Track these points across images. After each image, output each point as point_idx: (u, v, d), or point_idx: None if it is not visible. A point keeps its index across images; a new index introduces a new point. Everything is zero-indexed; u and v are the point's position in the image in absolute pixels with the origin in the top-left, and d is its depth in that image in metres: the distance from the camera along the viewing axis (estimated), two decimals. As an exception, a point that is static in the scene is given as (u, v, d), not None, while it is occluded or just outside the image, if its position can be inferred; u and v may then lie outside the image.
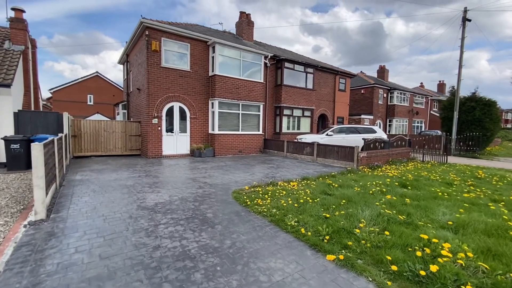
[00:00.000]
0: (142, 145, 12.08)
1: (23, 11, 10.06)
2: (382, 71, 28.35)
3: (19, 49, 9.74)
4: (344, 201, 4.85)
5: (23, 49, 9.90)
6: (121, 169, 8.31)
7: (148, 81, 10.94)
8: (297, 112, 16.06)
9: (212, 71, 12.46)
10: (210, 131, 12.78)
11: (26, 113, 8.71)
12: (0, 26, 10.82)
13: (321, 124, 19.07)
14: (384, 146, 10.81)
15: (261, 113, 14.05)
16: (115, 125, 11.73)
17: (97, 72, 29.39)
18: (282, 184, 6.42)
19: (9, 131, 8.40)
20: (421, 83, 41.36)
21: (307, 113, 16.56)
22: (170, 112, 11.71)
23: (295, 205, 4.63)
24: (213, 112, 12.56)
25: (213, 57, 12.41)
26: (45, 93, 26.29)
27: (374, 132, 13.34)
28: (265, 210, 4.43)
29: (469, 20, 16.75)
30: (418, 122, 28.70)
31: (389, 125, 24.96)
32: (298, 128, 16.24)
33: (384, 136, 12.87)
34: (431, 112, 32.29)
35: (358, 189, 5.91)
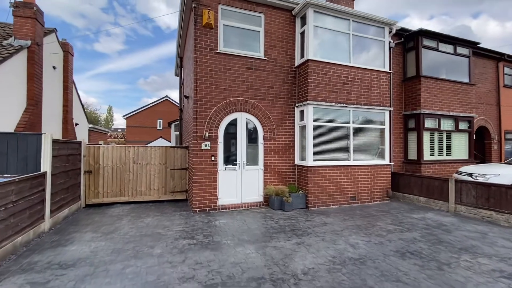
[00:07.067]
0: (189, 186, 7.41)
1: (34, -7, 7.12)
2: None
3: (20, 44, 6.58)
4: None
5: (29, 45, 6.74)
6: (136, 259, 3.42)
7: (196, 78, 6.36)
8: (447, 124, 9.07)
9: (302, 56, 7.19)
10: (297, 161, 7.25)
11: (-10, 137, 5.00)
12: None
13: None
14: None
15: (387, 126, 7.84)
16: (150, 154, 7.46)
17: (166, 96, 28.62)
18: None
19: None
20: None
21: (463, 125, 9.34)
22: (231, 130, 6.80)
23: None
24: (302, 128, 7.10)
25: (302, 33, 7.20)
26: (122, 121, 26.31)
27: None
28: None
29: None
30: None
31: None
32: (448, 152, 9.13)
33: None
34: None
35: None
